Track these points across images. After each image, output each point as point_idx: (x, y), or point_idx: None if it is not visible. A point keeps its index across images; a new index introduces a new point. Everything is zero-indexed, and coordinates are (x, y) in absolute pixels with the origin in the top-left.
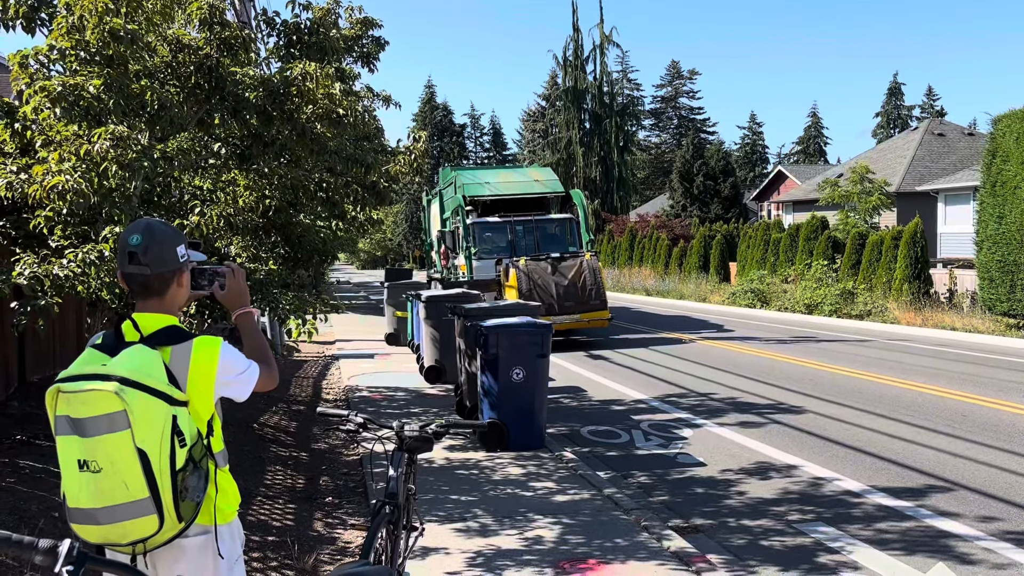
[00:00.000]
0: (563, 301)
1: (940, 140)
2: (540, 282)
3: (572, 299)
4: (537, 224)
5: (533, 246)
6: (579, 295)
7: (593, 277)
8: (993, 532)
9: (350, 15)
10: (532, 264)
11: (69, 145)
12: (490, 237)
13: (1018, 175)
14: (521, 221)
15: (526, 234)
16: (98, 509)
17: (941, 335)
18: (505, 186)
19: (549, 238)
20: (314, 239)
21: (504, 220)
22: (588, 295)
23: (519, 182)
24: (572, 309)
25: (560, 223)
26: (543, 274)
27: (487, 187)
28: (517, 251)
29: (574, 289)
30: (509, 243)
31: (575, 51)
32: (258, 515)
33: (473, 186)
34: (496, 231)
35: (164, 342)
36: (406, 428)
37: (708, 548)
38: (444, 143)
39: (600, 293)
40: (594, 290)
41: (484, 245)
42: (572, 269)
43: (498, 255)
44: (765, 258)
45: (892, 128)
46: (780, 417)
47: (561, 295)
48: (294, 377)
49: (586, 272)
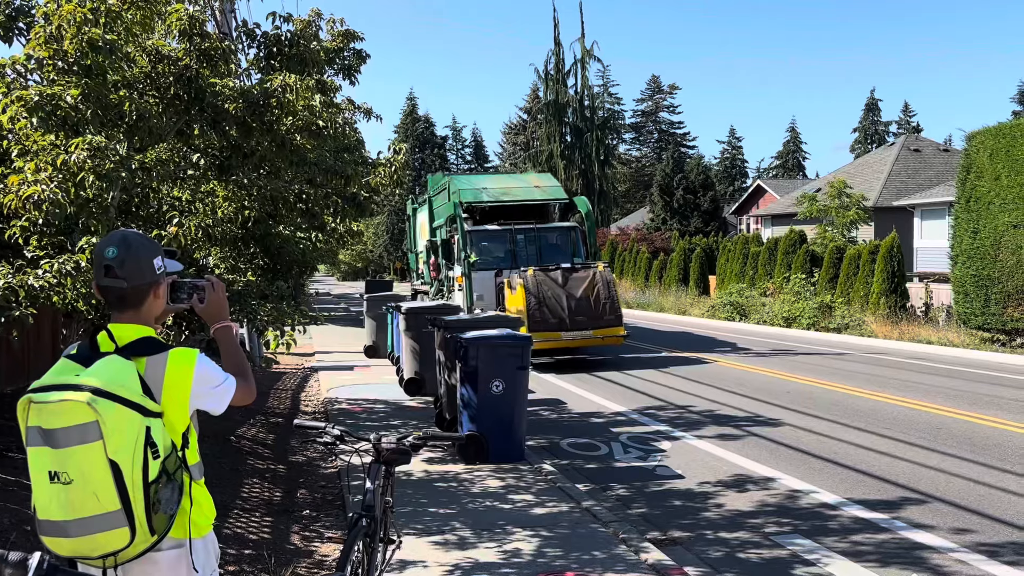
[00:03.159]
0: (575, 316)
1: (916, 156)
2: (549, 295)
3: (584, 314)
4: (539, 233)
5: (535, 256)
6: (592, 310)
7: (607, 290)
8: (967, 544)
9: (332, 28)
10: (541, 275)
11: (46, 155)
12: (487, 247)
13: (992, 191)
14: (522, 230)
15: (527, 244)
16: (69, 521)
17: (917, 348)
18: (504, 192)
19: (551, 248)
20: (293, 250)
21: (504, 228)
22: (602, 310)
23: (519, 188)
24: (584, 325)
25: (563, 232)
26: (553, 286)
27: (485, 193)
28: (518, 262)
29: (587, 303)
30: (509, 253)
31: (556, 65)
32: (234, 528)
33: (470, 192)
34: (495, 240)
35: (139, 353)
36: (383, 440)
37: (685, 560)
38: (426, 155)
39: (615, 308)
40: (608, 304)
41: (481, 256)
42: (584, 281)
43: (497, 266)
44: (744, 271)
45: (869, 143)
46: (758, 429)
47: (573, 310)
48: (272, 389)
49: (600, 285)
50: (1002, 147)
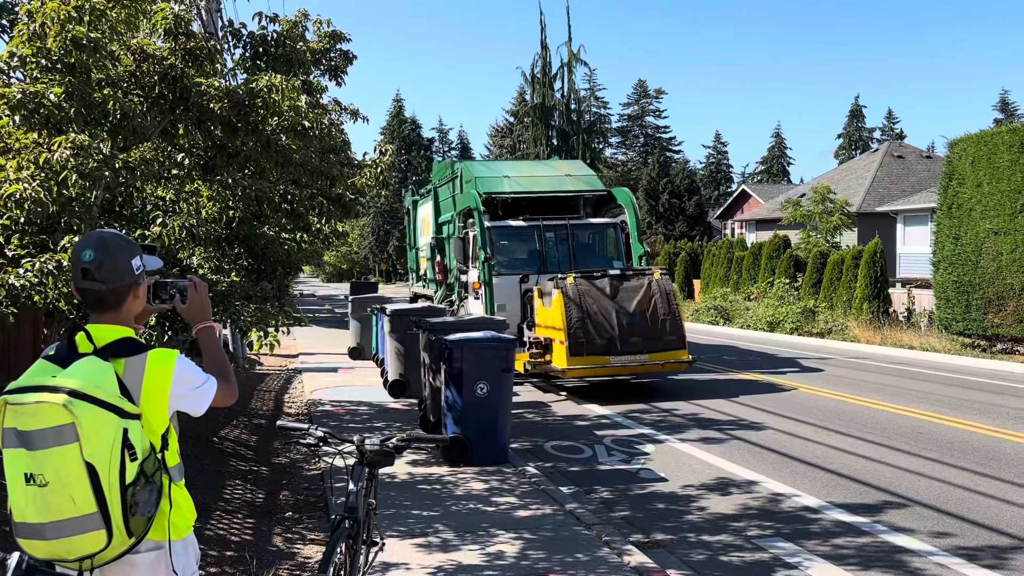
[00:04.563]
0: (627, 336)
1: (899, 162)
2: (595, 309)
3: (639, 333)
4: (573, 230)
5: (567, 259)
6: (649, 328)
7: (667, 304)
8: (946, 547)
9: (318, 28)
10: (584, 284)
11: (28, 153)
12: (508, 246)
13: (973, 198)
14: (553, 226)
15: (558, 243)
16: (45, 524)
17: (899, 353)
18: (530, 181)
19: (585, 249)
20: (278, 251)
21: (531, 224)
22: (661, 328)
23: (545, 177)
24: (639, 347)
25: (601, 229)
26: (599, 299)
27: (507, 182)
28: (547, 265)
29: (642, 319)
30: (536, 254)
31: (543, 68)
32: (216, 529)
33: (491, 180)
34: (520, 238)
35: (118, 354)
36: (367, 442)
37: (668, 563)
38: (412, 156)
39: (677, 326)
40: (669, 321)
41: (501, 256)
42: (638, 292)
43: (522, 270)
44: (728, 276)
45: (853, 149)
46: (741, 433)
47: (624, 328)
48: (255, 390)
49: (657, 296)
50: (983, 155)
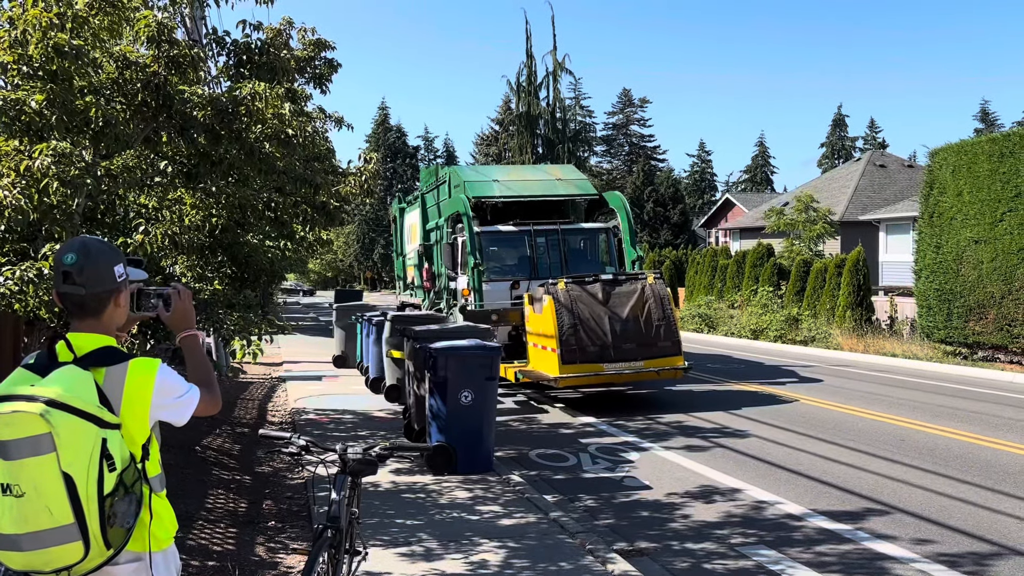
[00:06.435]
0: (621, 342)
1: (882, 171)
2: (587, 315)
3: (633, 339)
4: (564, 235)
5: (559, 265)
6: (643, 334)
7: (661, 309)
8: (927, 555)
9: (303, 36)
10: (576, 289)
11: (8, 160)
12: (498, 252)
13: (954, 206)
14: (544, 231)
15: (549, 248)
16: (21, 535)
17: (882, 361)
18: (520, 185)
19: (577, 255)
20: (261, 259)
21: (521, 229)
22: (656, 334)
23: (536, 181)
24: (633, 354)
25: (593, 234)
26: (591, 304)
27: (497, 186)
28: (538, 270)
29: (635, 325)
30: (527, 260)
31: (528, 77)
32: (198, 539)
33: (480, 184)
34: (510, 244)
35: (98, 363)
36: (349, 451)
37: (652, 571)
38: (397, 165)
39: (672, 331)
40: (663, 327)
41: (492, 262)
42: (632, 298)
43: (512, 276)
44: (712, 284)
45: (836, 158)
46: (725, 441)
47: (618, 334)
48: (239, 399)
49: (651, 301)
50: (964, 164)
